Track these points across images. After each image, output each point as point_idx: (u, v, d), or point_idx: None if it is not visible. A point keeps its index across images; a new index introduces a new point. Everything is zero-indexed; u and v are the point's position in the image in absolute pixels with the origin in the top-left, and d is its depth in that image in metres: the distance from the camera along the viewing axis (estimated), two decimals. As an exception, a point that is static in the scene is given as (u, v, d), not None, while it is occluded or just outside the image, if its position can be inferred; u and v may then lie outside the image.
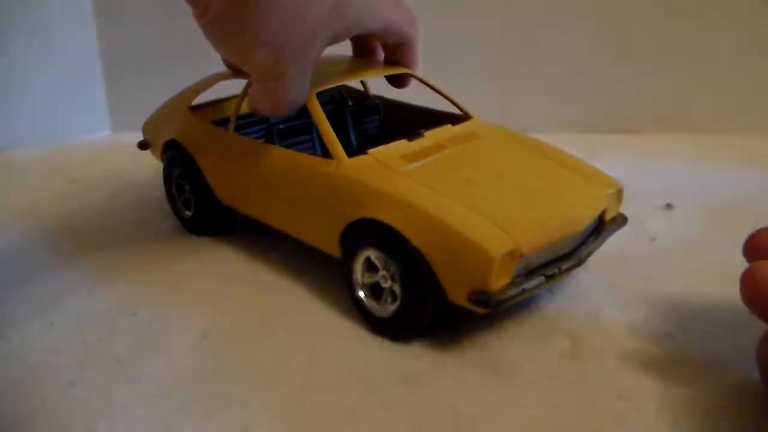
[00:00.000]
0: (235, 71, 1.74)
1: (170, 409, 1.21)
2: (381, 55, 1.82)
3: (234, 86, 1.85)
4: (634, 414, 1.17)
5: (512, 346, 1.37)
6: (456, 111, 1.75)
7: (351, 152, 1.50)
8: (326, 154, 1.52)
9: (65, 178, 2.36)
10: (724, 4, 2.53)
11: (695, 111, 2.62)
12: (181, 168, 1.86)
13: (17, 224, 1.99)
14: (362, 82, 2.05)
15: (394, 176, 1.40)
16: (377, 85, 2.02)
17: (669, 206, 1.99)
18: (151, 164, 2.23)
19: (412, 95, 1.89)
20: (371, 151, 1.48)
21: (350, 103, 2.04)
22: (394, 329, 1.38)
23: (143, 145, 2.08)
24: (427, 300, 1.31)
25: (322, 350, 1.37)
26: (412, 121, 1.82)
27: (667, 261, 1.70)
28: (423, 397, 1.23)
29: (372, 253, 1.37)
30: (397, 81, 1.79)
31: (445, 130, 1.61)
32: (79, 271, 1.70)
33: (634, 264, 1.66)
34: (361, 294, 1.42)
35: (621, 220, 1.53)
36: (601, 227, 1.48)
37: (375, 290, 1.41)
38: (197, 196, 1.84)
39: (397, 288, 1.34)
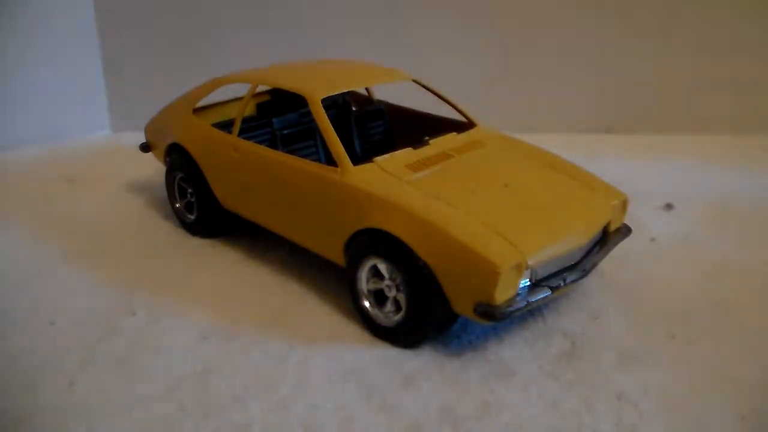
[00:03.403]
0: None
1: (170, 409, 1.22)
2: None
3: (236, 89, 1.85)
4: (633, 414, 1.18)
5: (512, 346, 1.37)
6: (460, 118, 1.73)
7: (355, 158, 1.48)
8: (330, 159, 1.50)
9: (65, 178, 2.36)
10: (725, 5, 2.53)
11: (695, 111, 2.62)
12: (183, 172, 1.85)
13: (17, 224, 1.99)
14: (366, 88, 2.01)
15: (399, 186, 1.38)
16: (381, 90, 2.02)
17: (669, 206, 1.98)
18: (151, 164, 2.23)
19: (416, 101, 1.89)
20: (376, 159, 1.46)
21: (354, 109, 2.02)
22: (397, 338, 1.37)
23: (145, 148, 2.07)
24: (431, 310, 1.30)
25: (320, 350, 1.37)
26: (416, 127, 1.81)
27: (667, 261, 1.70)
28: (421, 397, 1.23)
29: (377, 262, 1.36)
30: None
31: (450, 138, 1.59)
32: (79, 271, 1.70)
33: (634, 264, 1.66)
34: (366, 303, 1.41)
35: (625, 230, 1.52)
36: (605, 238, 1.47)
37: (378, 296, 1.40)
38: (200, 200, 1.83)
39: (401, 298, 1.34)
